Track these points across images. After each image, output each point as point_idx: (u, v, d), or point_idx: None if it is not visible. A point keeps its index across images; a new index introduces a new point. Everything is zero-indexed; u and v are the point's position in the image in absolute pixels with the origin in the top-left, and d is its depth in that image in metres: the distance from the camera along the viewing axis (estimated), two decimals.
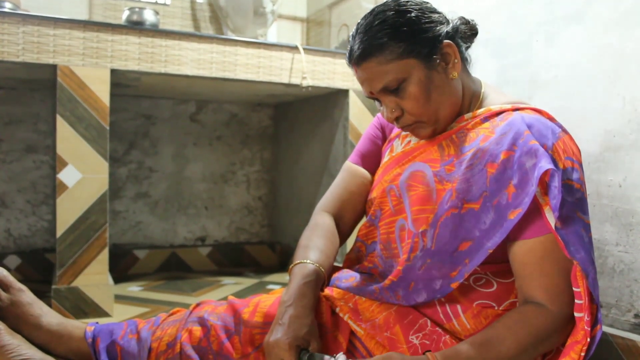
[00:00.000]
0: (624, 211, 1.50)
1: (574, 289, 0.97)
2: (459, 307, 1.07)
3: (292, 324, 0.99)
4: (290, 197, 2.85)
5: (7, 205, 2.46)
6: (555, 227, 0.95)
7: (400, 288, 1.08)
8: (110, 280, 1.97)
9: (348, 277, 1.17)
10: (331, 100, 2.47)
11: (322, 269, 1.11)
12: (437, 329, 1.06)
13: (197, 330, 1.11)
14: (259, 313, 1.09)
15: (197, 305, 1.19)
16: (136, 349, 1.14)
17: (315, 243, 1.17)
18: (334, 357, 0.93)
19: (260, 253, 2.95)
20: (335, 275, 1.20)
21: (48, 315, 1.23)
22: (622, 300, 1.51)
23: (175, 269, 2.76)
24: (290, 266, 1.13)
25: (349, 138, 2.32)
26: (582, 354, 0.97)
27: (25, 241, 2.50)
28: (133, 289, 2.37)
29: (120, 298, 2.16)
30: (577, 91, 1.62)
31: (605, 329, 1.52)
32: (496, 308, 1.07)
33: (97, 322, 1.24)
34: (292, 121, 2.85)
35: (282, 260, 2.89)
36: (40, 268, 2.49)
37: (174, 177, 2.80)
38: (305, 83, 2.21)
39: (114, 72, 1.97)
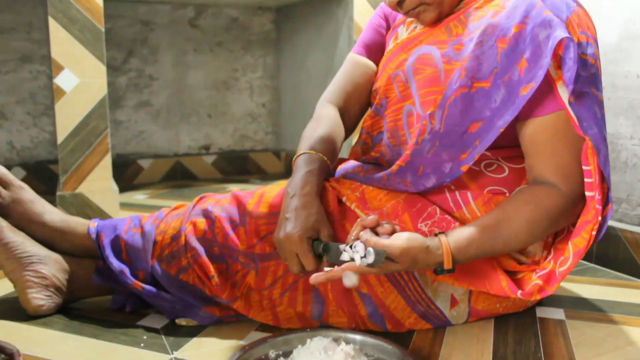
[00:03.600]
0: None
1: (584, 167, 0.94)
2: (469, 194, 1.05)
3: (298, 215, 0.97)
4: (294, 103, 2.79)
5: (7, 117, 2.42)
6: (568, 102, 0.91)
7: (409, 173, 1.04)
8: (115, 187, 1.96)
9: (354, 167, 1.14)
10: (334, 0, 2.36)
11: (326, 158, 1.08)
12: (447, 216, 1.03)
13: (202, 223, 1.09)
14: (264, 203, 1.07)
15: (201, 198, 1.16)
16: (140, 243, 1.13)
17: (319, 134, 1.13)
18: (351, 245, 0.90)
19: (265, 160, 2.92)
20: (341, 166, 1.17)
21: (50, 213, 1.22)
22: (633, 195, 1.49)
23: (180, 177, 2.75)
24: (294, 158, 1.09)
25: (354, 39, 2.23)
26: (594, 233, 0.95)
27: (28, 153, 2.47)
28: (138, 197, 2.37)
29: (125, 206, 2.16)
30: None
31: (615, 223, 1.50)
32: (507, 194, 1.04)
33: (99, 219, 1.22)
34: (294, 25, 2.75)
35: (288, 167, 2.87)
36: (45, 179, 2.47)
37: (175, 85, 2.74)
38: None
39: None
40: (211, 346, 1.03)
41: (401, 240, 0.91)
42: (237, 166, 2.87)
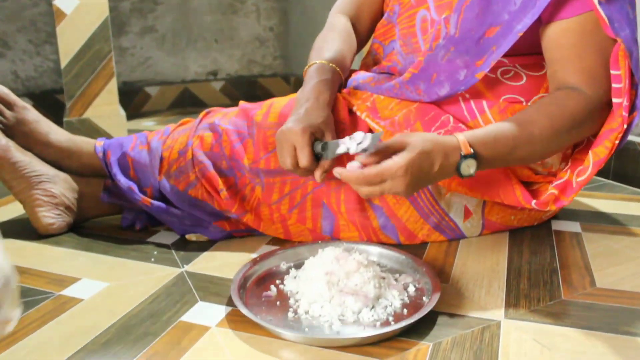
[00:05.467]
0: None
1: (613, 72, 0.88)
2: (484, 102, 1.00)
3: (307, 114, 0.94)
4: (303, 26, 2.71)
5: (10, 46, 2.37)
6: (599, 1, 0.85)
7: (422, 81, 1.00)
8: (122, 111, 1.94)
9: (365, 77, 1.10)
10: None
11: (339, 69, 1.04)
12: (460, 125, 1.00)
13: (209, 137, 1.06)
14: (273, 114, 1.04)
15: (207, 113, 1.14)
16: (147, 159, 1.11)
17: (330, 44, 1.09)
18: (350, 137, 0.86)
19: (274, 85, 2.87)
20: (352, 76, 1.13)
21: (56, 133, 1.20)
22: None
23: (188, 104, 2.72)
24: (305, 68, 1.05)
25: None
26: (617, 142, 0.91)
27: (33, 83, 2.44)
28: (147, 124, 2.34)
29: (134, 132, 2.13)
30: None
31: (634, 138, 1.46)
32: (524, 103, 1.00)
33: (105, 138, 1.20)
34: None
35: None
36: (52, 109, 2.44)
37: (180, 9, 2.66)
38: None
39: None
40: (222, 259, 1.03)
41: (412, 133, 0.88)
42: (246, 92, 2.82)
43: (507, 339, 0.78)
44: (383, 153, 0.83)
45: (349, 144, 0.85)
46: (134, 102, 2.59)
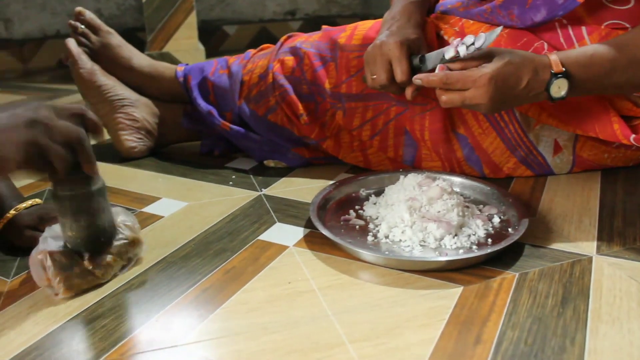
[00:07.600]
0: None
1: None
2: (583, 29, 0.92)
3: (400, 30, 0.90)
4: None
5: None
6: None
7: (516, 5, 0.93)
8: (201, 46, 1.94)
9: (454, 2, 1.03)
10: None
11: None
12: None
13: (290, 60, 1.04)
14: (357, 36, 1.00)
15: (289, 37, 1.11)
16: (228, 84, 1.10)
17: None
18: (456, 42, 0.81)
19: None
20: (440, 1, 1.07)
21: (138, 57, 1.21)
22: None
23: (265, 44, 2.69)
24: None
25: None
26: None
27: (116, 21, 2.47)
28: None
29: None
30: None
31: None
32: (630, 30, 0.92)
33: (186, 64, 1.20)
34: None
35: None
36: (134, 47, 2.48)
37: None
38: None
39: None
40: (300, 185, 1.02)
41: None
42: None
43: (600, 274, 0.73)
44: (470, 63, 0.80)
45: (458, 47, 0.80)
46: (212, 41, 2.59)
